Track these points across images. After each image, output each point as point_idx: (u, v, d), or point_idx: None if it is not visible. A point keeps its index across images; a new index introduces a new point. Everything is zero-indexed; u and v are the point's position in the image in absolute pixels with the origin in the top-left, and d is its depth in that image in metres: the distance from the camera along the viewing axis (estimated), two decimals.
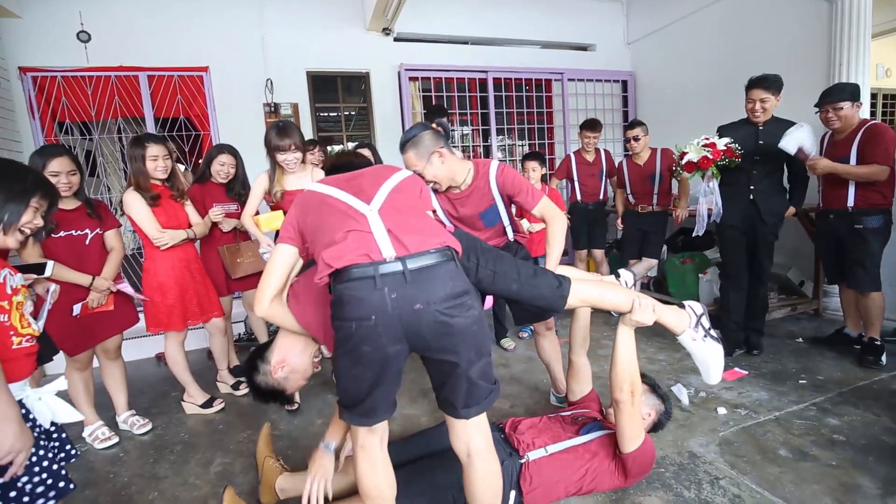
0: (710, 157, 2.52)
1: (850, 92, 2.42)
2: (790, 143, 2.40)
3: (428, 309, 1.07)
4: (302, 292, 1.37)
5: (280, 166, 2.30)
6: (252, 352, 1.50)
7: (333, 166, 1.47)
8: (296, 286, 1.40)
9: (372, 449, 1.23)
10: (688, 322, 1.54)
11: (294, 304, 1.36)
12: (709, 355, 1.54)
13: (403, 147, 1.78)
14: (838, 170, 2.41)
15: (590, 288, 1.50)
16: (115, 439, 2.25)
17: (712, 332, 1.57)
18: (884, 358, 2.49)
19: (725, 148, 2.51)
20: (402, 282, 1.07)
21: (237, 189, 2.71)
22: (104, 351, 2.30)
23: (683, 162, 2.63)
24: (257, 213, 2.40)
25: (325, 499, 1.42)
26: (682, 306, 1.58)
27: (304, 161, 2.36)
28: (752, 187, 2.58)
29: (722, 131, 2.65)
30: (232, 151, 2.70)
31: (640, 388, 1.54)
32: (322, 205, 1.25)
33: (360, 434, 1.22)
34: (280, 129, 2.24)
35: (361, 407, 1.16)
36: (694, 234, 2.84)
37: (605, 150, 3.80)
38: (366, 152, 3.02)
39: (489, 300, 3.10)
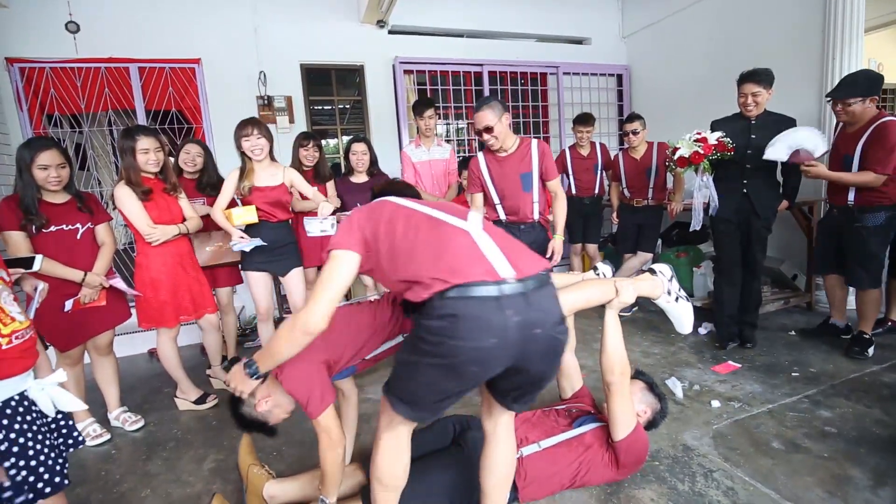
0: (702, 151, 2.52)
1: (864, 88, 2.32)
2: (779, 150, 2.37)
3: (545, 333, 1.05)
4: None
5: (249, 160, 2.41)
6: None
7: (385, 191, 1.42)
8: None
9: (403, 436, 1.24)
10: (662, 287, 1.69)
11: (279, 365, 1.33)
12: (682, 312, 1.71)
13: (481, 107, 2.24)
14: (830, 177, 2.42)
15: (573, 296, 1.59)
16: (107, 436, 2.22)
17: (681, 291, 1.74)
18: (870, 351, 2.52)
19: (717, 142, 2.51)
20: (524, 305, 1.02)
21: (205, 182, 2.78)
22: (95, 347, 2.27)
23: (675, 157, 2.63)
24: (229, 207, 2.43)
25: None
26: (653, 272, 1.72)
27: (272, 158, 2.50)
28: (745, 181, 2.58)
29: (715, 126, 2.65)
30: (198, 142, 2.80)
31: (629, 371, 1.59)
32: (407, 218, 1.18)
33: (397, 420, 1.19)
34: (243, 121, 2.41)
35: (423, 407, 1.14)
36: (691, 229, 2.84)
37: (601, 144, 3.79)
38: (361, 146, 3.00)
39: None
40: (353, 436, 1.76)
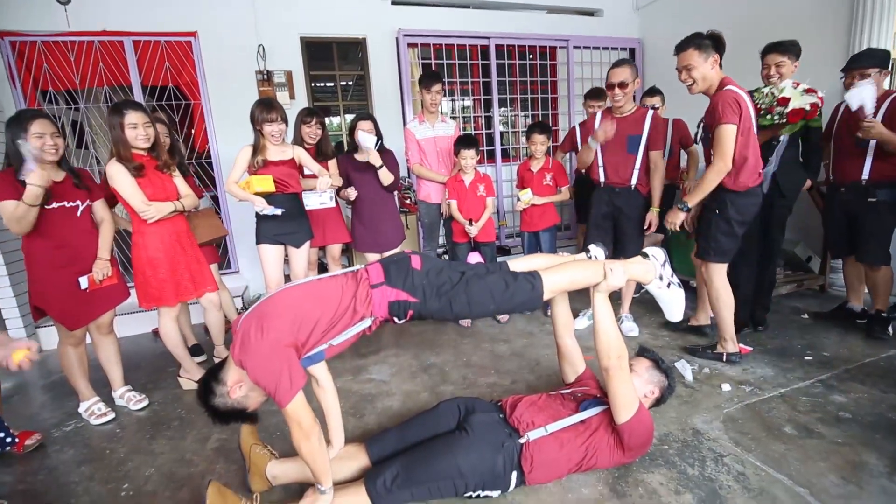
0: (819, 104, 2.26)
1: (881, 59, 2.34)
2: (854, 98, 2.22)
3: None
4: (266, 326, 1.28)
5: (262, 136, 2.48)
6: (205, 373, 1.44)
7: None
8: (247, 321, 1.31)
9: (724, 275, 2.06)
10: (654, 271, 1.66)
11: (242, 351, 1.27)
12: (673, 298, 1.69)
13: (621, 64, 2.53)
14: (884, 135, 2.24)
15: (559, 276, 1.56)
16: (112, 415, 2.23)
17: (674, 277, 1.70)
18: (890, 330, 2.48)
19: (820, 98, 2.27)
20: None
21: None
22: (97, 326, 2.25)
23: (787, 109, 2.28)
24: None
25: None
26: (646, 255, 1.67)
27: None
28: (771, 159, 2.48)
29: None
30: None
31: (626, 353, 1.54)
32: (749, 130, 2.05)
33: (719, 268, 1.98)
34: (266, 104, 2.46)
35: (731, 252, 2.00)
36: None
37: None
38: (367, 125, 2.86)
39: (476, 256, 3.03)
40: (340, 423, 1.68)
